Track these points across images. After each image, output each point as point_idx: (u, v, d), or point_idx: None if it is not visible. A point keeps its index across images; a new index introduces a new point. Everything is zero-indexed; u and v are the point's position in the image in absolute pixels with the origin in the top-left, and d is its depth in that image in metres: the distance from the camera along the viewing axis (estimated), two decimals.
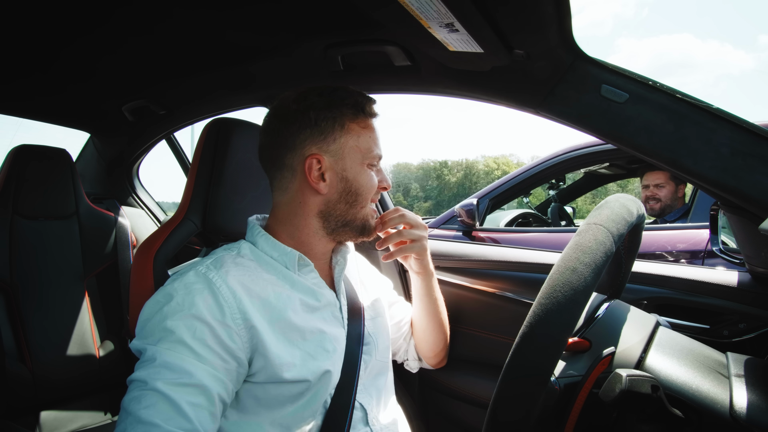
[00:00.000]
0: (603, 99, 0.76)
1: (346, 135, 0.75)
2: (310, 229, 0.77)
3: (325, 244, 0.80)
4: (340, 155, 0.75)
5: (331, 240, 0.80)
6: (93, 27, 0.97)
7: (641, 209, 0.67)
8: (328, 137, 0.74)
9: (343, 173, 0.75)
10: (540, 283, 0.52)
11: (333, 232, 0.78)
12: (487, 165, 57.47)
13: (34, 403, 1.45)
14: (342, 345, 0.76)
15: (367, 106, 0.77)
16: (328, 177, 0.75)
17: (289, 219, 0.78)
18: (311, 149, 0.74)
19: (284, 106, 0.76)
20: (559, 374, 0.61)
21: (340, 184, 0.76)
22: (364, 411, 0.78)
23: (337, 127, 0.75)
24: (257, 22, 0.94)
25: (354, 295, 0.84)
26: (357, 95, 0.77)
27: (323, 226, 0.78)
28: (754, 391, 0.56)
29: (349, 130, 0.75)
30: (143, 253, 0.83)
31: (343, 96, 0.76)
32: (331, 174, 0.75)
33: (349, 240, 0.82)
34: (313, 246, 0.79)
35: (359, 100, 0.76)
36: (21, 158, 1.53)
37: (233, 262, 0.72)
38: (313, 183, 0.74)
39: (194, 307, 0.64)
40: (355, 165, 0.76)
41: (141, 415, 0.56)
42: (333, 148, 0.75)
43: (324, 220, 0.77)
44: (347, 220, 0.77)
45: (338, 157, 0.75)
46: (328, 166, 0.75)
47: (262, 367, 0.67)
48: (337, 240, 0.81)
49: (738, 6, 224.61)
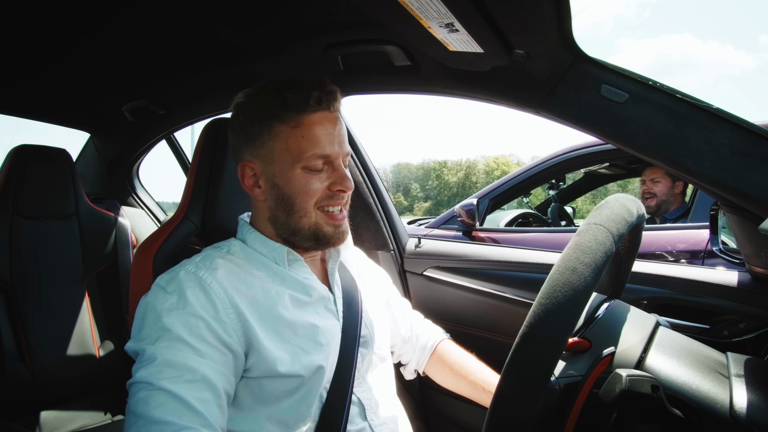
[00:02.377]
0: (603, 99, 0.76)
1: (274, 138, 0.71)
2: (271, 233, 0.78)
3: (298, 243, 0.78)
4: (270, 160, 0.72)
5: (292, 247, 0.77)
6: (93, 26, 0.97)
7: (641, 209, 0.67)
8: (257, 142, 0.72)
9: (273, 179, 0.73)
10: (540, 283, 0.52)
11: (288, 241, 0.76)
12: (488, 165, 57.48)
13: (34, 403, 1.45)
14: (337, 338, 0.76)
15: (294, 101, 0.69)
16: (262, 183, 0.74)
17: (256, 221, 0.79)
18: (245, 155, 0.74)
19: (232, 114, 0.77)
20: (559, 374, 0.61)
21: (273, 191, 0.73)
22: (362, 405, 0.77)
23: (265, 130, 0.71)
24: (257, 22, 0.94)
25: (351, 287, 0.83)
26: (286, 90, 0.70)
27: (276, 233, 0.77)
28: (754, 391, 0.56)
29: (277, 133, 0.71)
30: (143, 253, 0.83)
31: (271, 94, 0.71)
32: (263, 180, 0.74)
33: (308, 248, 0.77)
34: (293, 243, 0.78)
35: (287, 97, 0.69)
36: (21, 158, 1.53)
37: (221, 259, 0.72)
38: (248, 190, 0.75)
39: (188, 304, 0.64)
40: (285, 170, 0.71)
41: (152, 415, 0.56)
42: (263, 153, 0.72)
43: (275, 227, 0.76)
44: (293, 229, 0.74)
45: (268, 162, 0.72)
46: (260, 171, 0.73)
47: (256, 362, 0.67)
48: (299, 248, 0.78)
49: (739, 7, 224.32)
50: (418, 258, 1.39)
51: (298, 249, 0.78)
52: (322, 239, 0.75)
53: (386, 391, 0.84)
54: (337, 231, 0.76)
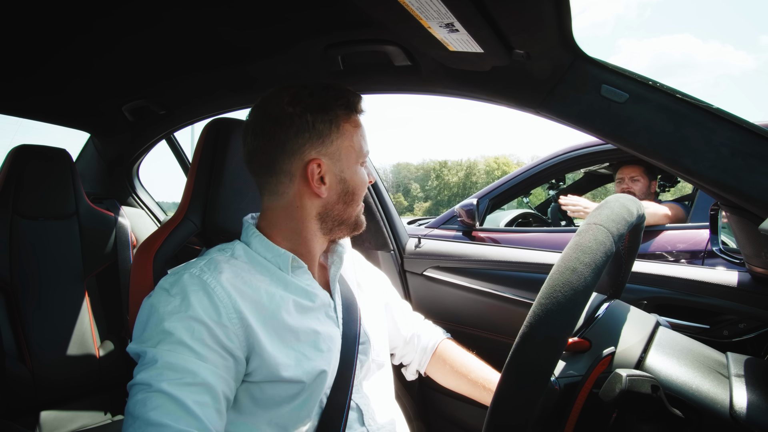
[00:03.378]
0: (603, 99, 0.76)
1: (341, 136, 0.75)
2: (308, 232, 0.77)
3: (321, 244, 0.80)
4: (337, 157, 0.75)
5: (326, 239, 0.80)
6: (92, 26, 0.97)
7: (641, 209, 0.67)
8: (326, 140, 0.74)
9: (341, 175, 0.75)
10: (540, 283, 0.52)
11: (330, 232, 0.79)
12: (488, 165, 57.49)
13: (34, 403, 1.45)
14: (337, 345, 0.76)
15: (357, 104, 0.77)
16: (327, 180, 0.74)
17: (285, 223, 0.76)
18: (311, 154, 0.73)
19: (279, 109, 0.73)
20: (559, 374, 0.61)
21: (339, 186, 0.76)
22: (360, 411, 0.77)
23: (333, 129, 0.74)
24: (257, 22, 0.94)
25: (350, 294, 0.84)
26: (347, 93, 0.76)
27: (320, 228, 0.78)
28: (754, 391, 0.56)
29: (344, 131, 0.75)
30: (143, 253, 0.83)
31: (335, 96, 0.75)
32: (330, 177, 0.75)
33: (342, 237, 0.82)
34: (311, 247, 0.78)
35: (350, 99, 0.76)
36: (21, 158, 1.53)
37: (226, 263, 0.72)
38: (315, 188, 0.74)
39: (191, 308, 0.64)
40: (351, 165, 0.76)
41: (150, 417, 0.56)
42: (331, 151, 0.74)
43: (321, 222, 0.77)
44: (343, 219, 0.78)
45: (336, 158, 0.75)
46: (327, 169, 0.74)
47: (258, 367, 0.67)
48: (332, 238, 0.81)
49: (739, 7, 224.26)
50: (418, 258, 1.39)
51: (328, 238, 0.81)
52: (359, 225, 0.81)
53: (384, 396, 0.85)
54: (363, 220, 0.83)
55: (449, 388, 0.97)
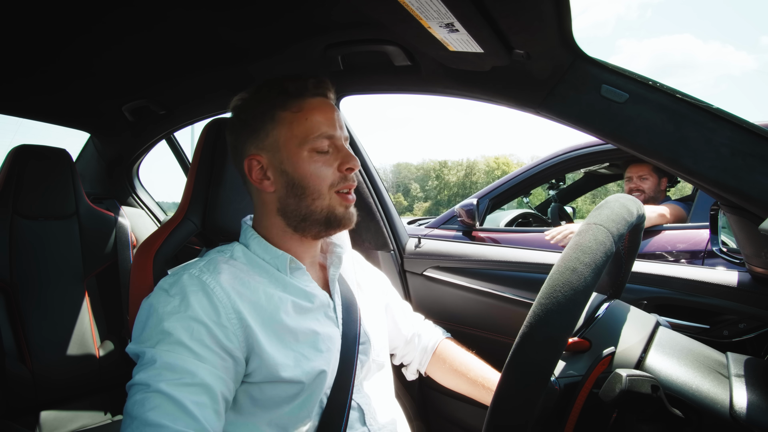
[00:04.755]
0: (603, 99, 0.76)
1: (278, 126, 0.73)
2: (278, 228, 0.77)
3: (299, 242, 0.78)
4: (276, 148, 0.74)
5: (301, 237, 0.77)
6: (93, 26, 0.97)
7: (641, 209, 0.67)
8: (261, 133, 0.74)
9: (281, 166, 0.74)
10: (540, 283, 0.52)
11: (297, 229, 0.76)
12: (488, 165, 57.51)
13: (34, 403, 1.45)
14: (337, 345, 0.76)
15: (294, 88, 0.73)
16: (270, 174, 0.74)
17: (261, 220, 0.79)
18: (250, 150, 0.75)
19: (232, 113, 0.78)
20: (559, 374, 0.61)
21: (282, 178, 0.74)
22: (361, 411, 0.78)
23: (267, 121, 0.74)
24: (257, 22, 0.94)
25: (349, 294, 0.84)
26: (286, 81, 0.74)
27: (287, 224, 0.77)
28: (754, 391, 0.56)
29: (280, 120, 0.73)
30: (143, 253, 0.83)
31: (270, 86, 0.74)
32: (272, 170, 0.74)
33: (319, 235, 0.78)
34: (289, 246, 0.77)
35: (286, 85, 0.74)
36: (21, 158, 1.53)
37: (225, 264, 0.72)
38: (257, 183, 0.75)
39: (190, 308, 0.64)
40: (292, 154, 0.73)
41: (147, 418, 0.56)
42: (268, 143, 0.74)
43: (285, 218, 0.76)
44: (303, 214, 0.75)
45: (274, 150, 0.74)
46: (268, 162, 0.74)
47: (257, 367, 0.67)
48: (308, 237, 0.78)
49: (740, 8, 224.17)
50: (418, 258, 1.39)
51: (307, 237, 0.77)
52: (334, 222, 0.75)
53: (385, 396, 0.85)
54: (347, 212, 0.76)
55: (449, 387, 0.97)
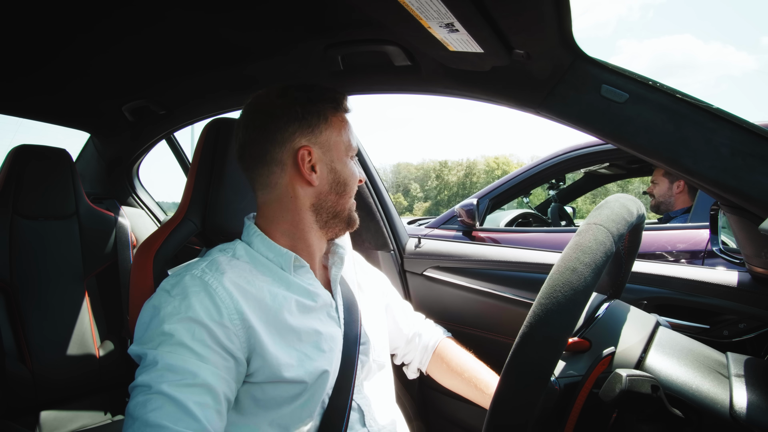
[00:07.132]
0: (603, 99, 0.76)
1: (330, 127, 0.76)
2: (305, 224, 0.77)
3: (319, 240, 0.80)
4: (327, 147, 0.76)
5: (323, 235, 0.80)
6: (93, 26, 0.97)
7: (641, 209, 0.67)
8: (315, 130, 0.75)
9: (331, 164, 0.77)
10: (540, 283, 0.52)
11: (325, 225, 0.79)
12: (488, 165, 57.51)
13: (34, 403, 1.45)
14: (339, 345, 0.76)
15: (343, 102, 0.80)
16: (318, 168, 0.75)
17: (282, 216, 0.77)
18: (301, 141, 0.74)
19: (268, 101, 0.76)
20: (559, 374, 0.61)
21: (330, 175, 0.77)
22: (361, 412, 0.78)
23: (322, 120, 0.76)
24: (257, 22, 0.94)
25: (350, 295, 0.84)
26: (333, 92, 0.79)
27: (316, 220, 0.78)
28: (754, 391, 0.56)
29: (332, 123, 0.77)
30: (143, 253, 0.83)
31: (321, 92, 0.78)
32: (321, 165, 0.76)
33: (338, 233, 0.82)
34: (309, 242, 0.78)
35: (336, 96, 0.78)
36: (21, 158, 1.53)
37: (228, 263, 0.72)
38: (306, 174, 0.75)
39: (191, 309, 0.64)
40: (341, 157, 0.78)
41: (149, 419, 0.56)
42: (321, 140, 0.76)
43: (316, 213, 0.77)
44: (337, 211, 0.78)
45: (326, 149, 0.76)
46: (318, 157, 0.75)
47: (260, 367, 0.67)
48: (328, 235, 0.81)
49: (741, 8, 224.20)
50: (418, 258, 1.39)
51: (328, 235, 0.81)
52: (351, 221, 0.81)
53: (385, 397, 0.85)
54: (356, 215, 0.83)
55: (446, 386, 0.98)
